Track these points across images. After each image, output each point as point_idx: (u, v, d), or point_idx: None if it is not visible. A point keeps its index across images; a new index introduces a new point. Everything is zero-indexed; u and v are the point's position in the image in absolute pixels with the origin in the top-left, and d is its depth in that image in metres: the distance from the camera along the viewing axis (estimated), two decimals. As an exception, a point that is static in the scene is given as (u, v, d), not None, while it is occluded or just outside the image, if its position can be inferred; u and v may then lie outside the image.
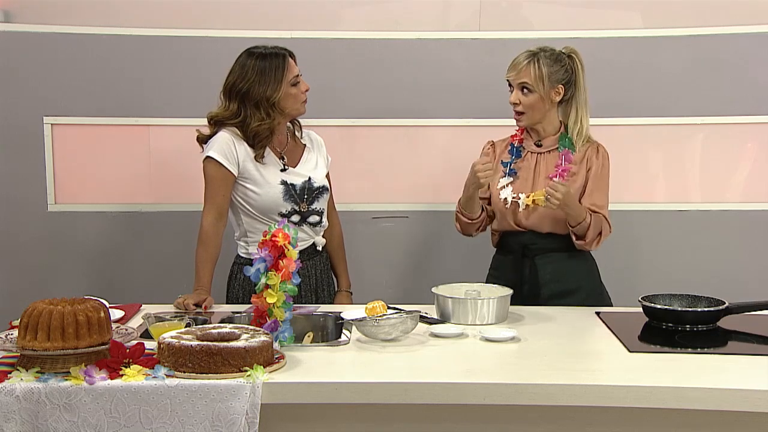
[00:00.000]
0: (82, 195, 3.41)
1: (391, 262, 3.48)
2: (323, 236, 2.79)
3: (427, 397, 1.79)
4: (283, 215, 2.63)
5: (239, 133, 2.63)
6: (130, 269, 3.43)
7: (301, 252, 2.62)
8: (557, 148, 2.67)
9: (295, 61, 2.67)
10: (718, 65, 3.37)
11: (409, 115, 3.40)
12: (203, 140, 2.67)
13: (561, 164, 2.64)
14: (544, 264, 2.66)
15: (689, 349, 2.12)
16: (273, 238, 2.03)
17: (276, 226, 2.07)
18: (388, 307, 2.23)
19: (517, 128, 2.75)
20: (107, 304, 1.99)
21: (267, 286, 2.02)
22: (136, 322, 2.35)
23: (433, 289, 2.42)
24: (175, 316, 2.19)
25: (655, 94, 3.39)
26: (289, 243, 2.04)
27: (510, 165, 2.70)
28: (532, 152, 2.71)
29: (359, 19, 3.41)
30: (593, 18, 3.40)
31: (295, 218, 2.67)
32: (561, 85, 2.63)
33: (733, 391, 1.76)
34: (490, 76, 3.37)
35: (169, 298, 2.52)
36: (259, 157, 2.63)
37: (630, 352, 2.04)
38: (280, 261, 2.03)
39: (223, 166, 2.60)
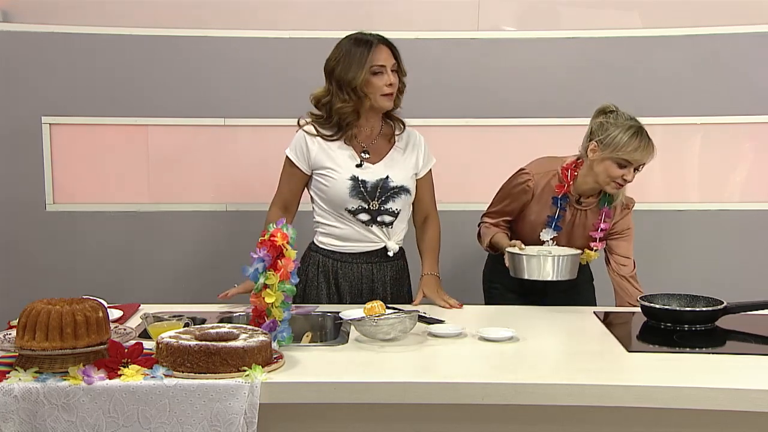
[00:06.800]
0: (81, 195, 3.42)
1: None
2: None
3: (426, 397, 1.79)
4: (350, 211, 2.58)
5: (316, 130, 2.60)
6: (128, 269, 3.43)
7: (369, 254, 2.61)
8: (596, 205, 2.69)
9: (394, 54, 2.61)
10: (717, 65, 3.37)
11: (408, 115, 3.38)
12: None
13: (601, 221, 2.67)
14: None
15: (688, 349, 2.12)
16: (271, 238, 2.03)
17: (275, 226, 2.07)
18: (387, 307, 2.23)
19: (561, 172, 2.68)
20: (105, 304, 1.99)
21: (265, 286, 2.02)
22: (134, 321, 2.35)
23: (508, 249, 2.54)
24: (174, 316, 2.19)
25: (654, 94, 3.39)
26: (287, 243, 2.04)
27: (556, 222, 2.68)
28: (570, 205, 2.69)
29: (359, 19, 3.40)
30: (593, 18, 3.40)
31: (363, 216, 2.59)
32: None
33: (732, 390, 1.76)
34: (489, 76, 3.38)
35: (168, 297, 2.53)
36: (330, 139, 2.59)
37: (629, 351, 2.04)
38: (279, 261, 2.03)
39: (294, 163, 2.63)
